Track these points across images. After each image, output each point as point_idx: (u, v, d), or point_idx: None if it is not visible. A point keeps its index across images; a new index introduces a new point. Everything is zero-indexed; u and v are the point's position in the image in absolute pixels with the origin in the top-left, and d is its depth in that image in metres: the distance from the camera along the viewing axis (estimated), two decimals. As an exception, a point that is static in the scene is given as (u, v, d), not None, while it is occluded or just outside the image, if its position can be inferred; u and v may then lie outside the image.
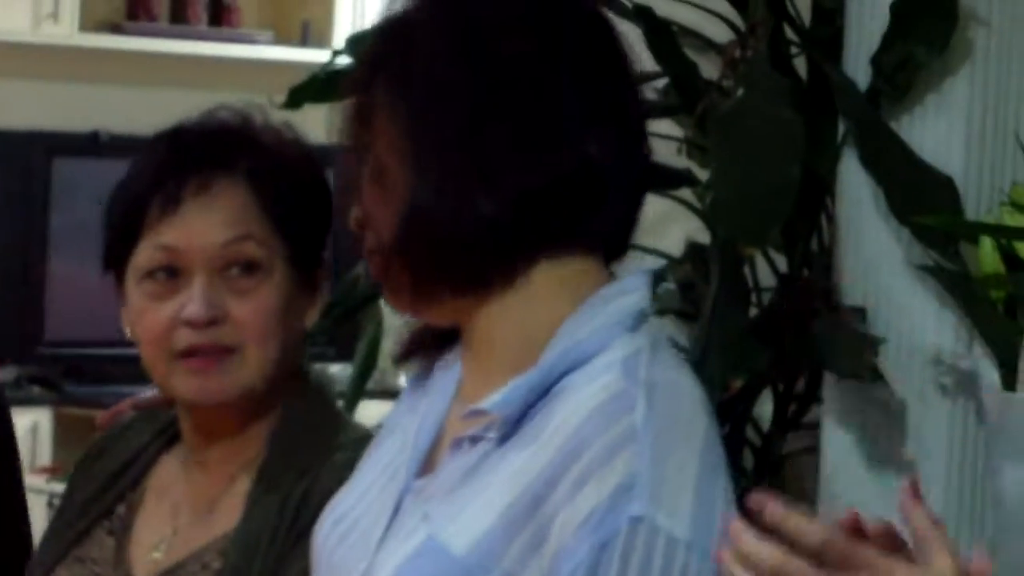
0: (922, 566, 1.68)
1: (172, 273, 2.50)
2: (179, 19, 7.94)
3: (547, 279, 2.14)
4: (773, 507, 1.71)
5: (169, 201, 2.50)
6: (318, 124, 2.52)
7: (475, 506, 2.08)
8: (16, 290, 7.23)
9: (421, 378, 2.33)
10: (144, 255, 2.50)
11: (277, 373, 2.53)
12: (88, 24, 7.83)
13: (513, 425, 2.09)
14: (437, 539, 2.09)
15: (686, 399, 2.11)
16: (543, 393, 2.10)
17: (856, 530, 1.70)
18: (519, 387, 2.09)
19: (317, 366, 2.75)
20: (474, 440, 2.12)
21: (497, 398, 2.09)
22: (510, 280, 2.13)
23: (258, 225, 2.52)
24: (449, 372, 2.26)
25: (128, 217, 2.53)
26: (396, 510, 2.17)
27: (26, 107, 7.49)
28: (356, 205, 2.16)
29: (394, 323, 2.63)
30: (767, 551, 1.70)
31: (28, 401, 6.90)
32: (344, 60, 3.62)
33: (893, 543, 1.70)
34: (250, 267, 2.51)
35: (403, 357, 2.35)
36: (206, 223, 2.52)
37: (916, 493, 1.71)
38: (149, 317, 2.50)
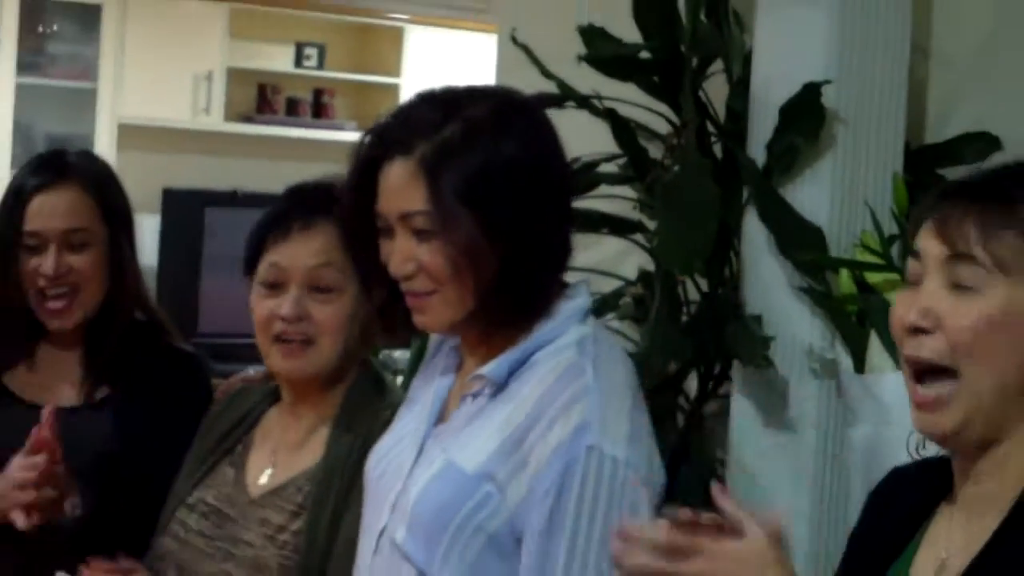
0: (743, 540, 1.72)
1: (277, 282, 2.49)
2: (292, 113, 7.94)
3: None
4: (630, 529, 1.78)
5: (280, 234, 2.50)
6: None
7: (478, 441, 2.10)
8: (180, 298, 7.13)
9: (429, 361, 2.35)
10: (262, 268, 2.51)
11: (344, 359, 2.51)
12: (230, 115, 7.83)
13: (501, 386, 2.12)
14: (453, 462, 2.10)
15: (620, 368, 2.14)
16: (521, 364, 2.12)
17: (693, 524, 1.73)
18: (505, 360, 2.12)
19: (386, 351, 2.73)
20: (475, 396, 2.15)
21: (491, 367, 2.12)
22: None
23: (339, 256, 2.47)
24: (450, 356, 2.27)
25: (257, 243, 2.53)
26: (421, 449, 2.18)
27: (187, 173, 7.46)
28: (408, 259, 2.09)
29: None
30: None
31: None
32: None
33: (721, 528, 1.74)
34: (325, 289, 2.49)
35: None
36: (303, 251, 2.49)
37: (723, 491, 1.76)
38: (258, 311, 2.51)
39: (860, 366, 2.92)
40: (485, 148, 2.09)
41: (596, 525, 2.02)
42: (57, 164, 2.91)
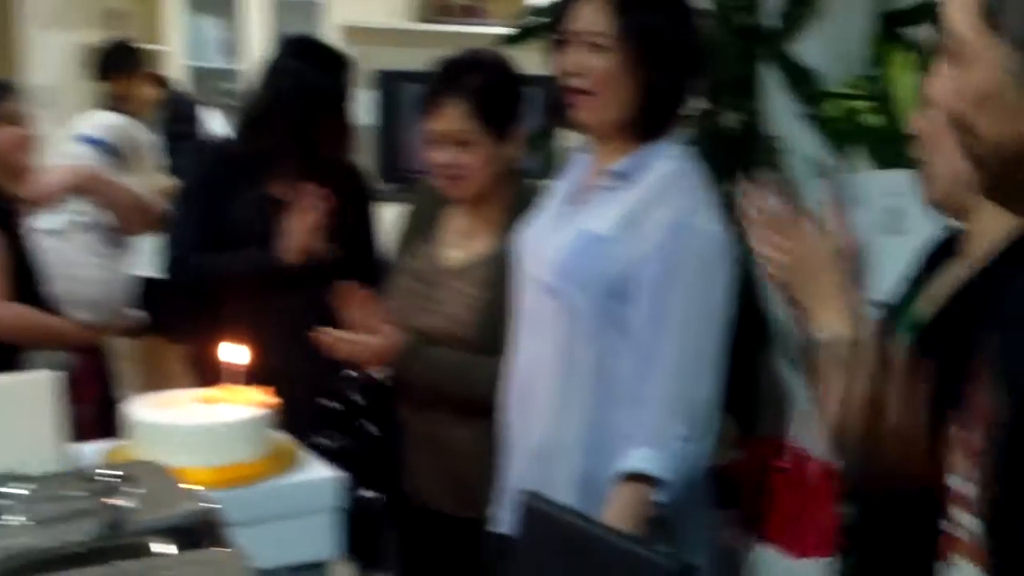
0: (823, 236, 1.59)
1: (432, 139, 2.47)
2: (464, 15, 7.83)
3: None
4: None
5: (432, 103, 2.47)
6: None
7: (606, 214, 2.09)
8: (389, 146, 7.08)
9: (563, 172, 2.32)
10: (423, 128, 2.48)
11: (493, 180, 2.47)
12: (421, 17, 7.74)
13: (626, 178, 2.11)
14: (586, 227, 2.10)
15: (702, 174, 2.14)
16: (639, 165, 2.11)
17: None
18: (629, 161, 2.12)
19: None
20: (604, 187, 2.14)
21: (620, 164, 2.12)
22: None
23: (470, 121, 2.44)
24: (580, 164, 2.24)
25: (421, 107, 2.50)
26: (561, 222, 2.17)
27: (392, 59, 7.32)
28: (578, 64, 2.08)
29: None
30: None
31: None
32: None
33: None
34: (464, 143, 2.45)
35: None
36: (441, 121, 2.45)
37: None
38: (427, 156, 2.50)
39: (846, 167, 2.88)
40: (659, 6, 2.11)
41: (697, 278, 2.01)
42: None
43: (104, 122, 3.33)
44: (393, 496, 2.56)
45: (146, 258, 3.35)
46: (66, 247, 3.08)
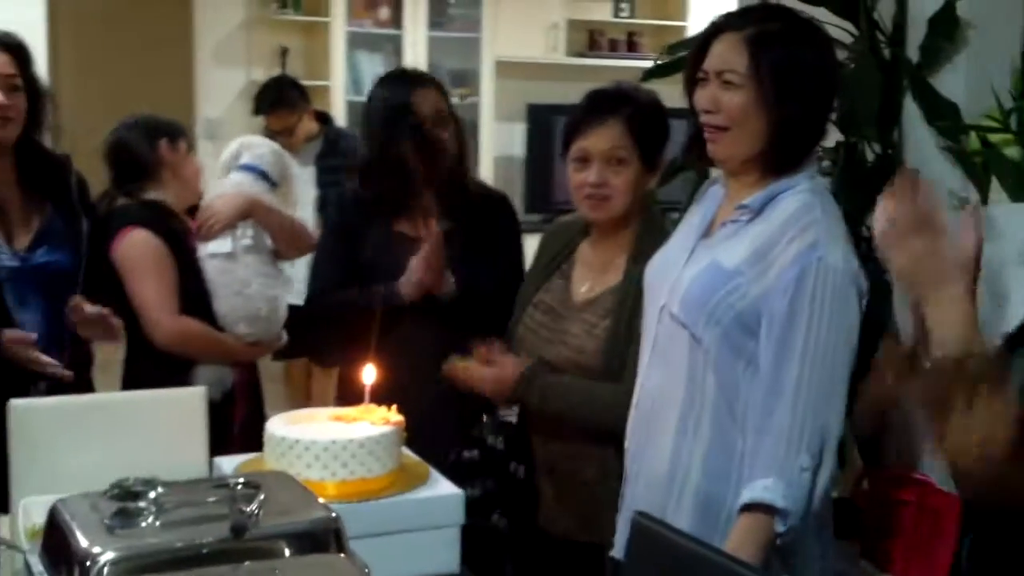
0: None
1: (584, 160, 2.49)
2: (612, 49, 7.86)
3: None
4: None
5: (584, 126, 2.49)
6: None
7: (736, 249, 2.07)
8: (539, 178, 7.11)
9: (693, 205, 2.30)
10: (573, 150, 2.50)
11: (633, 207, 2.49)
12: (570, 52, 7.78)
13: (756, 213, 2.09)
14: (716, 260, 2.08)
15: (836, 208, 2.10)
16: (771, 199, 2.09)
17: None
18: (761, 195, 2.09)
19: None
20: (734, 221, 2.12)
21: (752, 199, 2.09)
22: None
23: (625, 140, 2.47)
24: (712, 197, 2.22)
25: (570, 131, 2.51)
26: (690, 255, 2.16)
27: (542, 93, 7.43)
28: (714, 100, 2.06)
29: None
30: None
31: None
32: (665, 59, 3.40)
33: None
34: (620, 161, 2.47)
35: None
36: (601, 138, 2.48)
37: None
38: (573, 179, 2.50)
39: (985, 200, 2.88)
40: (794, 42, 2.07)
41: (825, 312, 1.98)
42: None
43: (261, 151, 3.43)
44: (517, 520, 2.57)
45: (295, 285, 3.45)
46: (236, 267, 3.20)
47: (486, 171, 7.18)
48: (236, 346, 3.17)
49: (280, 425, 2.16)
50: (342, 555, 1.60)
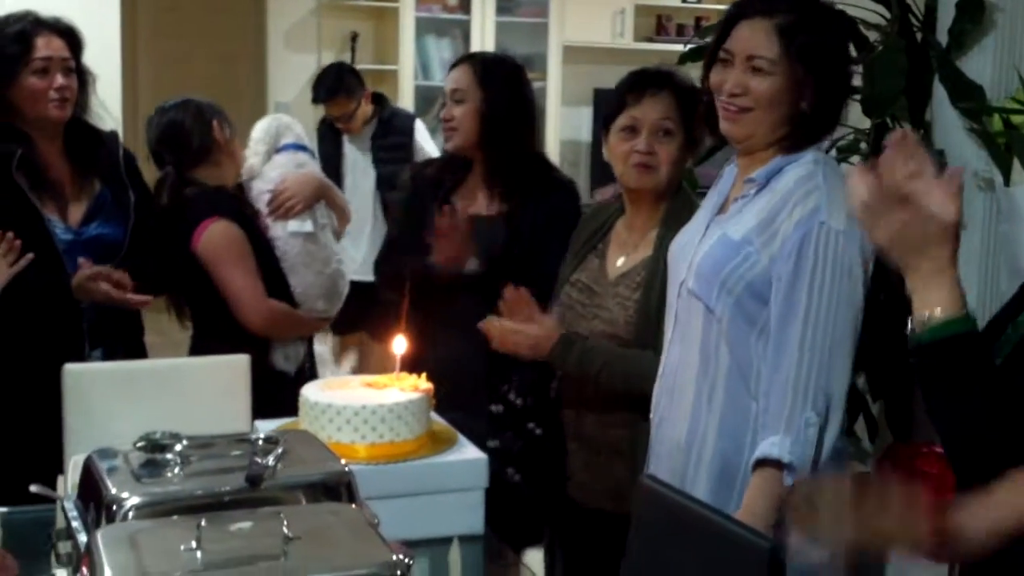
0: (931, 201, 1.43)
1: (632, 130, 2.50)
2: (680, 34, 7.76)
3: None
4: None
5: (635, 96, 2.51)
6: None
7: (744, 220, 2.11)
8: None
9: (713, 186, 2.31)
10: (621, 119, 2.51)
11: (671, 181, 2.53)
12: (638, 37, 7.78)
13: (762, 186, 2.13)
14: (726, 234, 2.12)
15: (840, 177, 2.09)
16: (777, 172, 2.12)
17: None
18: (766, 169, 2.13)
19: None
20: (744, 196, 2.15)
21: (758, 173, 2.13)
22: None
23: (673, 112, 2.49)
24: (728, 177, 2.26)
25: (616, 104, 2.53)
26: (706, 230, 2.20)
27: (610, 77, 7.35)
28: (740, 84, 2.10)
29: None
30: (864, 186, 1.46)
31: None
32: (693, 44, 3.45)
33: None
34: (668, 132, 2.50)
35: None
36: (651, 108, 2.50)
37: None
38: (620, 148, 2.51)
39: (1007, 181, 2.90)
40: (822, 30, 2.10)
41: (827, 274, 2.01)
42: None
43: (299, 129, 3.51)
44: (550, 493, 2.60)
45: (352, 264, 3.55)
46: (317, 246, 3.27)
47: (552, 155, 7.07)
48: (312, 321, 3.28)
49: (314, 391, 2.27)
50: (352, 505, 1.69)
